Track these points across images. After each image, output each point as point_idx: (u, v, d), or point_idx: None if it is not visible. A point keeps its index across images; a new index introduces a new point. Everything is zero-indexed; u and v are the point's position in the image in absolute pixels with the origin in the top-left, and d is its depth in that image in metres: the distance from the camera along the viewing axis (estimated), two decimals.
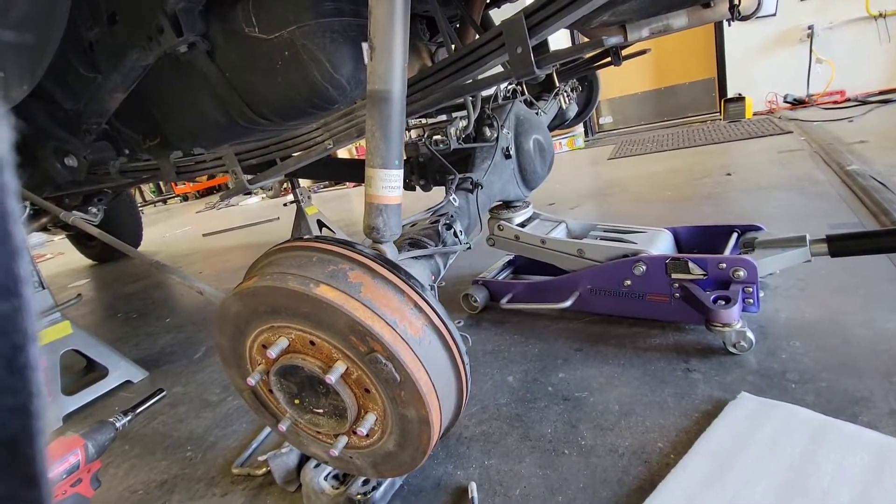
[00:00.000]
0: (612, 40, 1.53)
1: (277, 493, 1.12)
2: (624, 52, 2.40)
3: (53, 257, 6.11)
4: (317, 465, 1.07)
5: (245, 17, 1.15)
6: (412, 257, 0.93)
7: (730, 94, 4.81)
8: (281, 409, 0.79)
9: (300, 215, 3.22)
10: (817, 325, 1.26)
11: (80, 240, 4.94)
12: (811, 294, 1.40)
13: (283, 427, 0.77)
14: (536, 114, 1.77)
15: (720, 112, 4.84)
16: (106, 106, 1.33)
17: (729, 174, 2.88)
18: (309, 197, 3.33)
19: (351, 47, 1.18)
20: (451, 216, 1.06)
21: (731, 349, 1.21)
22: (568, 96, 2.38)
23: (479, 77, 0.84)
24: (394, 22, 0.72)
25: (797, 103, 4.47)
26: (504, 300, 1.69)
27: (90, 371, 2.01)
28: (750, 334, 1.19)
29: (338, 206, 5.25)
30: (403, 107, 0.77)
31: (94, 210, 1.30)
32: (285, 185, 7.28)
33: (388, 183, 0.77)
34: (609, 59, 2.25)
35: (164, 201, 11.68)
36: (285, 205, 2.30)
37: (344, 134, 0.95)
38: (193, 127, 1.38)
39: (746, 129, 4.07)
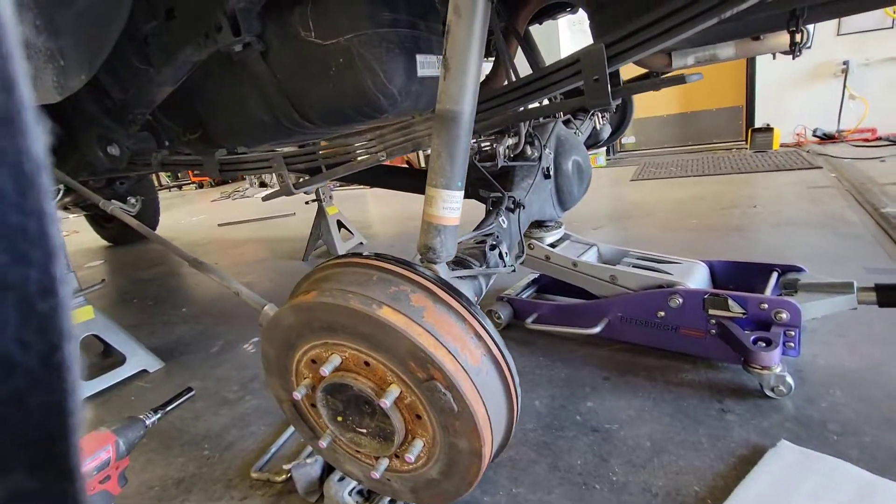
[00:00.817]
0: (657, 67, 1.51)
1: (298, 502, 1.10)
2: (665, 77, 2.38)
3: (68, 235, 6.15)
4: (341, 479, 1.05)
5: (302, 21, 1.15)
6: (458, 277, 0.92)
7: (758, 124, 4.77)
8: (322, 424, 0.77)
9: (321, 214, 3.22)
10: (858, 375, 1.22)
11: (98, 221, 4.98)
12: (851, 341, 1.37)
13: (323, 443, 0.75)
14: (574, 133, 1.75)
15: (746, 141, 4.80)
16: (153, 98, 1.33)
17: (755, 206, 2.85)
18: (330, 197, 3.33)
19: (405, 59, 1.17)
20: (497, 237, 1.04)
21: (769, 393, 1.18)
22: (602, 116, 2.37)
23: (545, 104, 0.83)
24: (472, 43, 0.71)
25: (826, 138, 4.42)
26: (530, 320, 1.67)
27: (106, 356, 2.02)
28: (790, 379, 1.16)
29: (353, 207, 5.25)
30: (471, 128, 0.76)
31: (133, 201, 1.30)
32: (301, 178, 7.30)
33: (450, 204, 0.76)
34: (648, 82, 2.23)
35: (180, 187, 11.75)
36: (307, 203, 2.29)
37: (399, 147, 0.94)
38: (237, 124, 1.38)
39: (773, 160, 4.02)
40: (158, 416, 1.00)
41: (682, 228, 2.65)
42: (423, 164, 7.01)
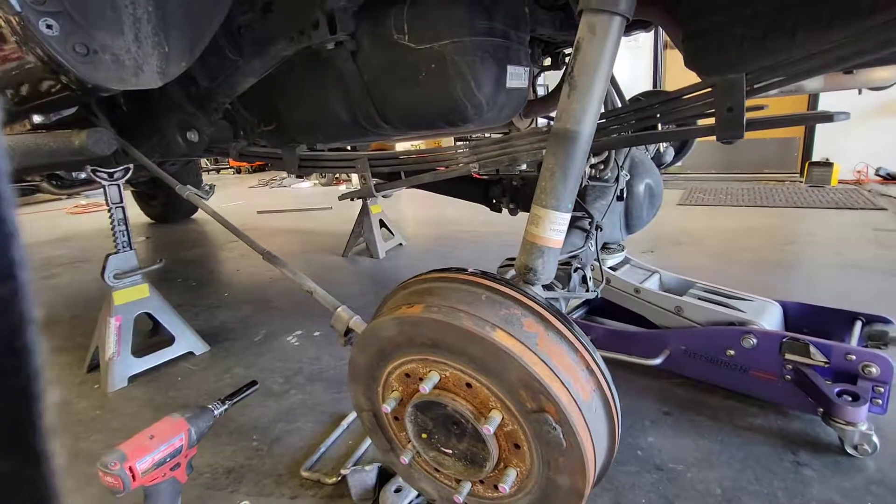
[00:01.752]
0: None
1: None
2: None
3: None
4: (398, 490, 1.03)
5: (397, 24, 1.14)
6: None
7: (815, 158, 4.59)
8: (402, 438, 0.75)
9: (364, 212, 3.23)
10: None
11: (144, 197, 5.12)
12: None
13: (405, 459, 0.73)
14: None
15: (801, 174, 4.62)
16: (237, 88, 1.34)
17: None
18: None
19: (496, 68, 1.15)
20: (583, 260, 1.01)
21: (851, 450, 1.11)
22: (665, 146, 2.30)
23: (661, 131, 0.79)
24: (602, 63, 0.68)
25: (890, 178, 4.22)
26: None
27: (153, 335, 2.05)
28: (875, 438, 1.09)
29: (389, 207, 5.28)
30: (588, 150, 0.73)
31: (207, 187, 1.31)
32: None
33: (556, 226, 0.73)
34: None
35: (217, 171, 12.02)
36: (352, 199, 2.27)
37: (494, 161, 0.92)
38: (315, 120, 1.38)
39: (831, 197, 3.86)
40: (225, 406, 1.00)
41: (737, 262, 2.56)
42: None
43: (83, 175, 3.09)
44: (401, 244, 3.44)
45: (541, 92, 2.76)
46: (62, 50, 0.84)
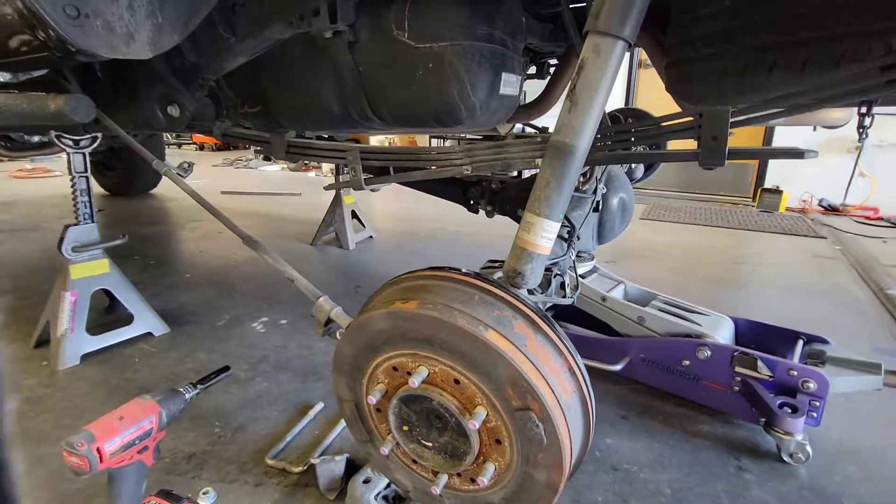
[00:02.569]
0: None
1: (315, 496, 1.09)
2: None
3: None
4: (366, 481, 1.04)
5: (397, 19, 1.15)
6: None
7: (767, 184, 4.90)
8: (383, 430, 0.77)
9: (337, 202, 3.20)
10: (870, 454, 1.26)
11: (100, 168, 4.85)
12: (862, 418, 1.41)
13: (384, 450, 0.75)
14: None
15: (754, 199, 4.91)
16: (225, 65, 1.31)
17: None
18: None
19: (492, 74, 1.18)
20: (562, 267, 1.05)
21: (787, 458, 1.21)
22: None
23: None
24: (603, 83, 0.72)
25: (831, 209, 4.56)
26: None
27: (109, 312, 1.96)
28: (809, 448, 1.19)
29: (361, 198, 5.22)
30: (582, 164, 0.76)
31: (185, 165, 1.27)
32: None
33: (548, 234, 0.77)
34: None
35: (179, 146, 11.52)
36: (326, 188, 2.23)
37: (487, 165, 0.94)
38: (304, 107, 1.37)
39: (779, 223, 4.13)
40: (197, 391, 0.98)
41: (694, 277, 2.70)
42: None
43: (36, 139, 2.91)
44: (371, 236, 3.43)
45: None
46: (51, 9, 0.80)
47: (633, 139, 0.82)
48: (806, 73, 0.93)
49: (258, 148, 1.32)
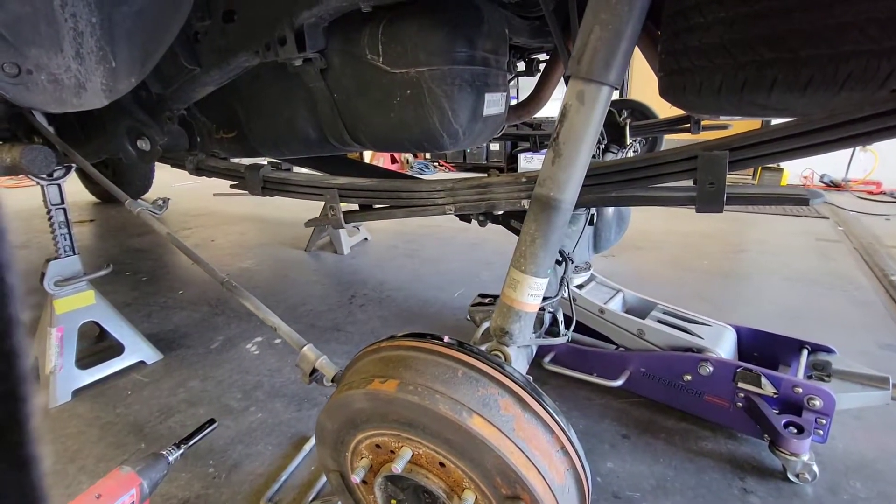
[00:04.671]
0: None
1: None
2: (704, 123, 2.36)
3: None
4: None
5: (371, 44, 1.08)
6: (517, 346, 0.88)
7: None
8: (371, 501, 0.73)
9: None
10: (877, 467, 1.24)
11: (89, 177, 4.78)
12: (868, 427, 1.38)
13: None
14: None
15: (753, 177, 4.84)
16: (193, 95, 1.24)
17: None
18: None
19: (474, 98, 1.11)
20: (557, 305, 1.00)
21: (793, 478, 1.18)
22: (634, 150, 2.34)
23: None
24: (588, 133, 0.66)
25: (832, 185, 4.49)
26: (547, 360, 1.64)
27: (100, 341, 1.93)
28: (815, 468, 1.16)
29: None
30: (569, 217, 0.71)
31: (160, 202, 1.21)
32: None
33: (535, 292, 0.72)
34: (687, 125, 2.21)
35: None
36: (306, 224, 2.15)
37: (471, 205, 0.89)
38: (279, 134, 1.31)
39: None
40: (181, 451, 0.95)
41: (693, 269, 2.66)
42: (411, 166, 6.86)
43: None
44: (366, 239, 3.38)
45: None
46: None
47: (627, 179, 0.76)
48: (807, 92, 0.87)
49: (233, 183, 1.26)
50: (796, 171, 4.69)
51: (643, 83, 5.66)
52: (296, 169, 1.60)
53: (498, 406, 0.61)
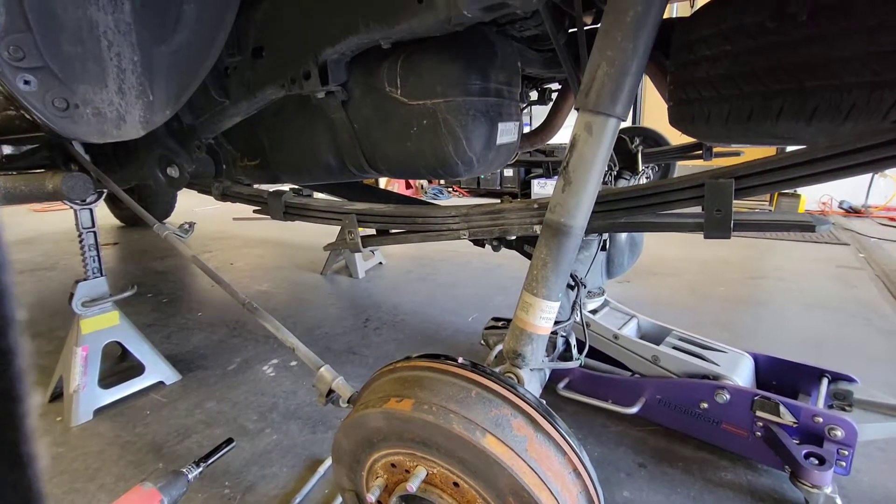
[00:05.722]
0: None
1: None
2: (715, 150, 2.38)
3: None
4: None
5: (390, 77, 1.14)
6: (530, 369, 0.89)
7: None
8: None
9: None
10: None
11: (115, 200, 4.96)
12: (893, 458, 1.34)
13: None
14: None
15: (771, 203, 4.80)
16: (221, 126, 1.31)
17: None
18: None
19: (488, 127, 1.16)
20: (570, 329, 1.02)
21: None
22: (647, 176, 2.36)
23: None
24: (597, 162, 0.69)
25: (852, 211, 4.43)
26: (561, 385, 1.63)
27: (122, 361, 1.98)
28: (839, 501, 1.13)
29: None
30: (579, 242, 0.73)
31: (186, 227, 1.27)
32: None
33: (547, 315, 0.74)
34: (699, 152, 2.23)
35: None
36: (325, 248, 2.19)
37: (485, 231, 0.92)
38: (301, 162, 1.36)
39: None
40: (200, 469, 0.97)
41: (711, 297, 2.63)
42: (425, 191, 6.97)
43: None
44: (381, 263, 3.42)
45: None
46: (40, 106, 0.80)
47: (637, 206, 0.78)
48: (813, 122, 0.89)
49: (256, 208, 1.31)
50: (814, 196, 4.64)
51: (655, 111, 5.72)
52: (315, 195, 1.66)
53: (510, 426, 0.62)
